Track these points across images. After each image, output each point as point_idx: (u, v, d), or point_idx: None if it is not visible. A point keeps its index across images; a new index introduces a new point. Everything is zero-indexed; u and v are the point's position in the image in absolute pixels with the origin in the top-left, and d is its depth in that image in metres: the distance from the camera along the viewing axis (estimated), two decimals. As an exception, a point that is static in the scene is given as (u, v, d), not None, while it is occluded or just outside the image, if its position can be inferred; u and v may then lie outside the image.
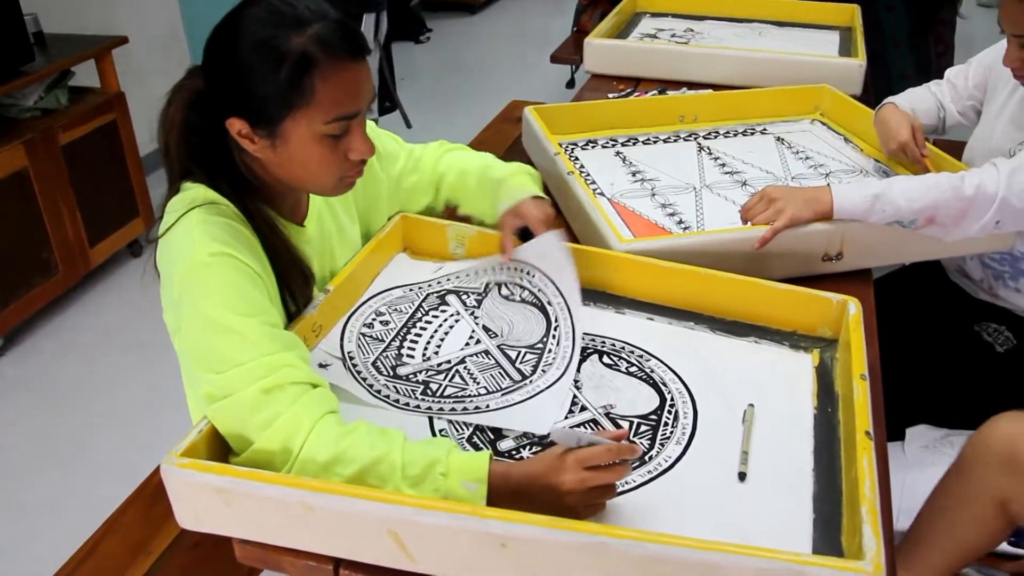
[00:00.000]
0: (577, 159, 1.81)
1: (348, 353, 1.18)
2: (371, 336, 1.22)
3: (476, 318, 1.27)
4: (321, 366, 1.15)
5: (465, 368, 1.17)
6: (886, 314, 1.51)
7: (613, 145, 1.89)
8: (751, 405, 1.11)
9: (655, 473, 1.01)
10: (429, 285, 1.34)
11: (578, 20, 4.07)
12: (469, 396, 1.12)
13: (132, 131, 3.02)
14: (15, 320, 2.65)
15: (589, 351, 1.21)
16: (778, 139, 1.93)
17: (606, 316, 1.29)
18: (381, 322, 1.25)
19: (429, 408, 1.10)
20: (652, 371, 1.18)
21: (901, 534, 1.43)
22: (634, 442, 1.04)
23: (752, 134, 1.95)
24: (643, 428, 1.07)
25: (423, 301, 1.30)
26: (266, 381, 0.93)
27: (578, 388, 1.14)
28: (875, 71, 2.60)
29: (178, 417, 1.21)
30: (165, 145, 1.07)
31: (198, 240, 0.99)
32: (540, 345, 1.22)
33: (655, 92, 2.25)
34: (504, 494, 0.90)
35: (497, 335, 1.24)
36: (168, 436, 1.00)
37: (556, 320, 1.24)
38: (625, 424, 1.08)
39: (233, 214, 1.05)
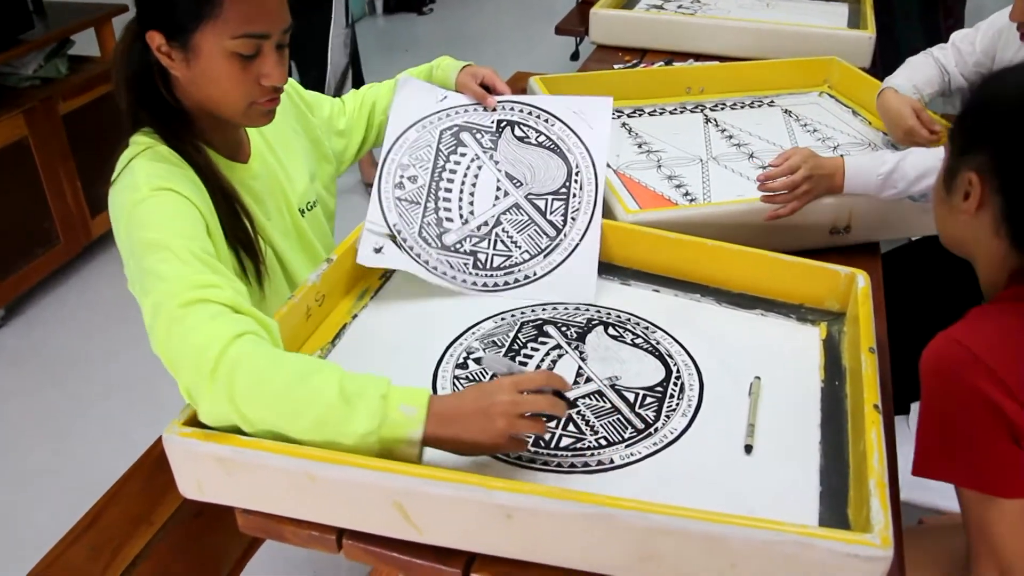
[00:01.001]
0: (582, 130, 1.79)
1: (394, 226, 1.25)
2: (406, 200, 1.27)
3: (497, 163, 1.31)
4: (376, 251, 1.24)
5: (503, 230, 1.27)
6: (892, 288, 1.49)
7: (619, 116, 1.86)
8: (757, 378, 1.10)
9: (660, 445, 1.00)
10: (439, 119, 1.37)
11: (583, -9, 4.03)
12: (516, 265, 1.24)
13: (133, 101, 2.99)
14: (16, 291, 2.64)
15: (594, 322, 1.20)
16: (786, 111, 1.90)
17: (612, 287, 1.28)
18: (409, 178, 1.29)
19: (484, 285, 1.22)
20: (658, 343, 1.17)
21: (904, 506, 1.42)
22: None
23: (759, 106, 1.93)
24: (649, 400, 1.07)
25: (439, 142, 1.33)
26: (186, 296, 0.91)
27: (583, 360, 1.13)
28: (884, 44, 2.56)
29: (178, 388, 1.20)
30: (115, 84, 1.13)
31: (140, 181, 1.04)
32: (564, 191, 1.28)
33: (661, 63, 2.23)
34: (439, 421, 0.87)
35: (521, 183, 1.29)
36: (169, 407, 1.00)
37: (577, 167, 1.29)
38: (631, 396, 1.07)
39: (173, 156, 1.09)
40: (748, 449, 0.99)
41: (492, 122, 1.38)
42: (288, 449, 0.86)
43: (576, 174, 1.30)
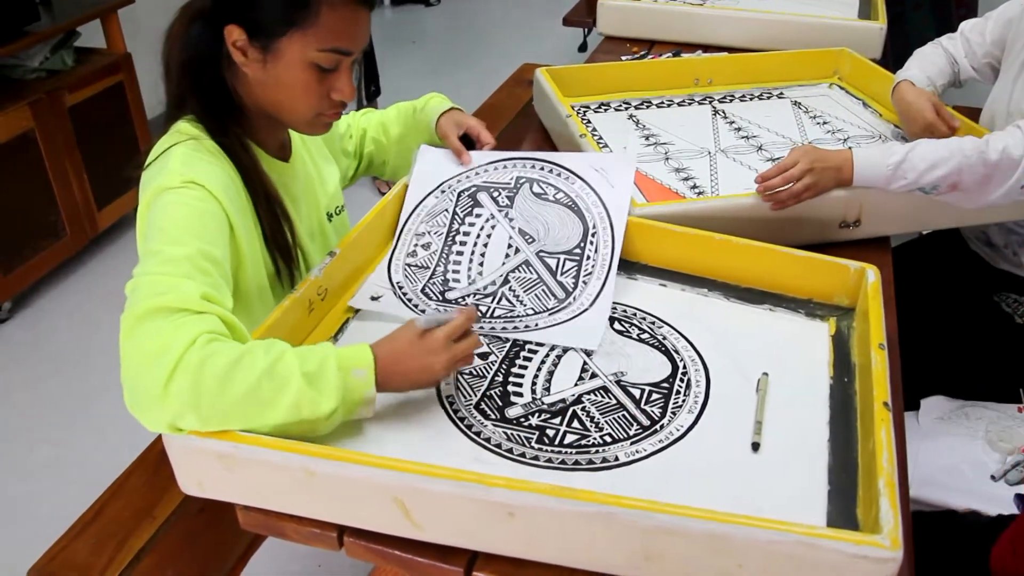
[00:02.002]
0: (589, 122, 1.78)
1: (397, 283, 1.23)
2: (416, 265, 1.25)
3: (511, 220, 1.29)
4: (373, 299, 1.19)
5: (510, 289, 1.22)
6: (903, 283, 1.48)
7: (626, 108, 1.85)
8: (765, 374, 1.08)
9: (666, 442, 0.98)
10: (458, 181, 1.35)
11: (591, -18, 4.00)
12: (518, 316, 1.17)
13: (139, 93, 2.99)
14: (22, 283, 2.64)
15: (600, 318, 1.19)
16: (795, 103, 1.88)
17: (618, 282, 1.26)
18: (423, 246, 1.28)
19: (481, 328, 1.15)
20: (664, 338, 1.15)
21: (912, 502, 1.41)
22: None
23: (769, 98, 1.91)
24: (655, 396, 1.05)
25: (456, 205, 1.32)
26: (156, 301, 0.88)
27: (589, 355, 1.12)
28: (895, 34, 2.54)
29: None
30: (166, 64, 1.10)
31: (173, 169, 1.01)
32: (578, 251, 1.25)
33: (669, 55, 2.21)
34: (385, 378, 0.93)
35: (534, 239, 1.27)
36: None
37: (594, 228, 1.27)
38: (637, 392, 1.06)
39: (216, 151, 1.06)
40: (755, 447, 0.98)
41: (511, 179, 1.35)
42: (287, 445, 0.85)
43: (592, 235, 1.26)
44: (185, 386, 0.84)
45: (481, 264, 1.25)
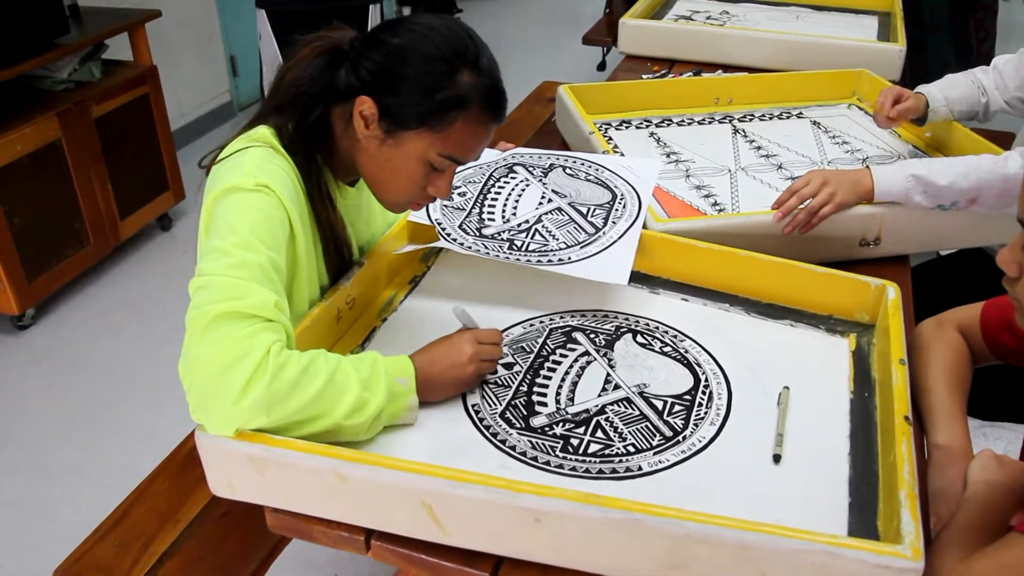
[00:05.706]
0: (611, 139, 1.80)
1: (436, 220, 1.31)
2: (451, 207, 1.35)
3: (545, 184, 1.39)
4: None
5: (543, 226, 1.31)
6: (920, 303, 1.49)
7: (647, 126, 1.87)
8: (786, 387, 1.09)
9: (689, 453, 1.00)
10: (496, 163, 1.45)
11: (611, 2, 4.04)
12: (552, 250, 1.26)
13: (164, 105, 3.03)
14: (46, 290, 2.67)
15: (623, 330, 1.21)
16: (814, 123, 1.90)
17: (640, 296, 1.28)
18: (459, 193, 1.38)
19: (518, 260, 1.23)
20: (686, 351, 1.17)
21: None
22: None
23: (788, 118, 1.93)
24: (677, 408, 1.06)
25: (493, 172, 1.42)
26: (229, 306, 0.90)
27: (612, 367, 1.13)
28: (914, 58, 2.56)
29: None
30: (279, 76, 1.10)
31: (248, 171, 1.01)
32: (607, 204, 1.35)
33: (690, 74, 2.23)
34: (423, 384, 1.02)
35: (567, 196, 1.39)
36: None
37: (623, 197, 1.37)
38: (660, 404, 1.07)
39: (290, 167, 1.07)
40: (776, 459, 0.99)
41: (546, 164, 1.46)
42: (320, 449, 0.87)
43: (620, 199, 1.37)
44: (261, 391, 0.87)
45: (515, 208, 1.34)
